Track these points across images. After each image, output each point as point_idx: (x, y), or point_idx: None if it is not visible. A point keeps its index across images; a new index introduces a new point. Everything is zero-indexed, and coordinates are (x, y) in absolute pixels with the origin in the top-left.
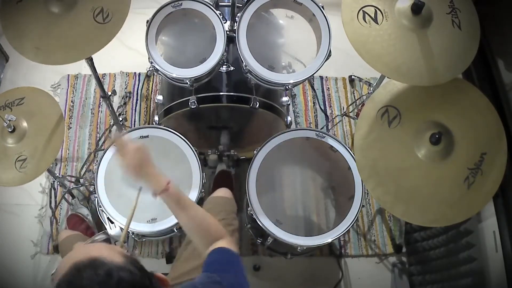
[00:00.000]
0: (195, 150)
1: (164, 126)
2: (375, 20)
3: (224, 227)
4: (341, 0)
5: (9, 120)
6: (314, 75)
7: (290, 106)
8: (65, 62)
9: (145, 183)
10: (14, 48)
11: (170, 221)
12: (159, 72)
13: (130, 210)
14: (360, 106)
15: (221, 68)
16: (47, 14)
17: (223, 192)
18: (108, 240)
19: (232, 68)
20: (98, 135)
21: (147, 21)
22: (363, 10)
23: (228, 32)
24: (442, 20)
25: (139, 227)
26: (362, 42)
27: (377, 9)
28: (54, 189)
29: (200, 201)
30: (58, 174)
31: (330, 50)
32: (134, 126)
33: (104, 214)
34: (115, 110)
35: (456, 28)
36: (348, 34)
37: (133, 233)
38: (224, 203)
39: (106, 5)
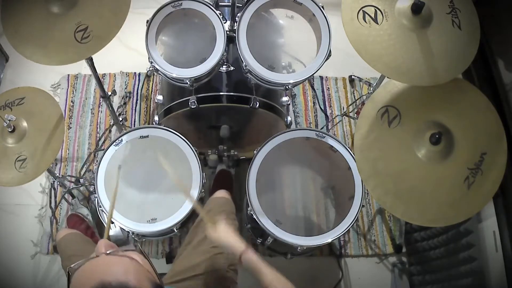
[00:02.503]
0: (195, 150)
1: (164, 126)
2: (375, 20)
3: None
4: (341, 0)
5: (9, 120)
6: (314, 75)
7: (290, 106)
8: (33, 59)
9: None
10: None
11: (170, 221)
12: (159, 72)
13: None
14: (360, 106)
15: (221, 68)
16: (41, 8)
17: (222, 194)
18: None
19: (232, 68)
20: (98, 135)
21: (147, 21)
22: (363, 10)
23: (228, 32)
24: (442, 20)
25: (139, 227)
26: (362, 42)
27: (377, 9)
28: (54, 189)
29: (200, 201)
30: (58, 174)
31: (330, 50)
32: (134, 126)
33: (104, 214)
34: (115, 110)
35: (456, 28)
36: (348, 34)
37: (133, 233)
38: (224, 204)
39: (92, 27)
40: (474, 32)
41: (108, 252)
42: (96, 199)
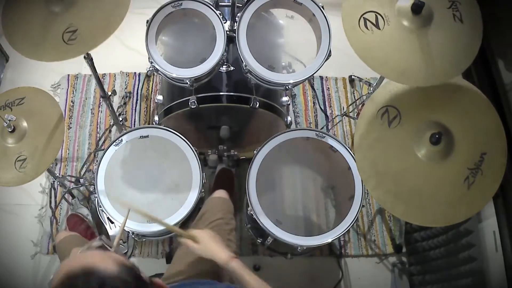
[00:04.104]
0: (195, 150)
1: (164, 126)
2: (376, 25)
3: (222, 226)
4: (341, 0)
5: (9, 120)
6: (314, 75)
7: (290, 106)
8: (22, 51)
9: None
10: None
11: (170, 221)
12: (159, 72)
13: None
14: (360, 106)
15: (221, 68)
16: (40, 5)
17: (220, 194)
18: (104, 246)
19: (232, 68)
20: (98, 135)
21: (147, 21)
22: (363, 17)
23: (228, 32)
24: (443, 16)
25: (139, 227)
26: (366, 49)
27: (377, 14)
28: (54, 189)
29: (200, 201)
30: (58, 174)
31: (330, 50)
32: (134, 126)
33: (104, 214)
34: (115, 110)
35: (458, 21)
36: (351, 42)
37: (133, 233)
38: (221, 203)
39: (81, 30)
40: (476, 23)
41: (79, 252)
42: (96, 199)
